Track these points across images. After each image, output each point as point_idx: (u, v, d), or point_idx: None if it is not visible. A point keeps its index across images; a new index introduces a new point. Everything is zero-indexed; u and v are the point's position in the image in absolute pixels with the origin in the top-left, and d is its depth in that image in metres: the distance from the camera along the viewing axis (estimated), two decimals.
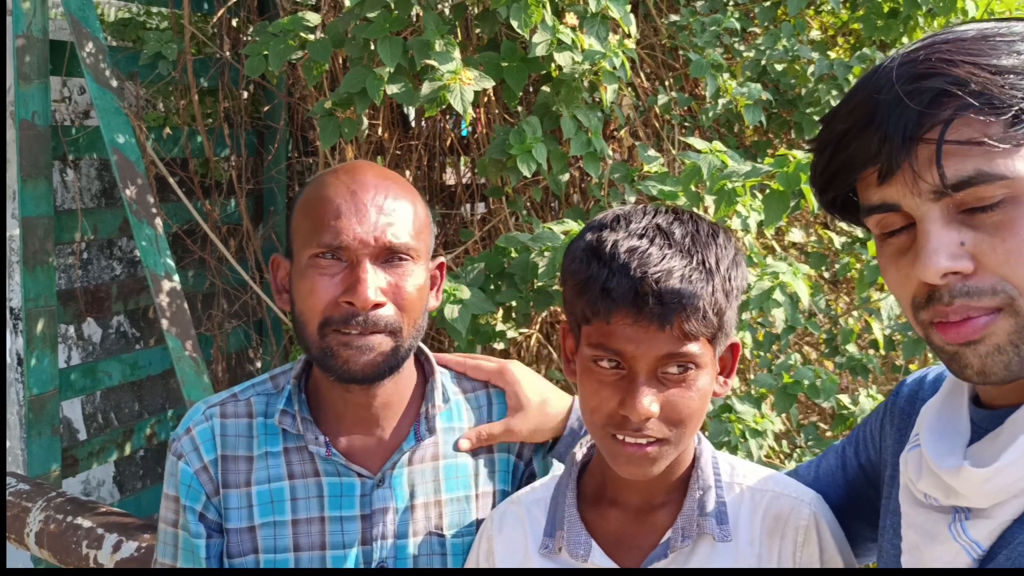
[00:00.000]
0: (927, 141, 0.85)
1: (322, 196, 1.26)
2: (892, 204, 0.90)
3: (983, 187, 0.84)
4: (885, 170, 0.88)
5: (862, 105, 0.90)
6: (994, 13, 3.00)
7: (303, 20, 2.42)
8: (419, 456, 1.35)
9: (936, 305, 0.88)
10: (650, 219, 1.11)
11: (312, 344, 1.26)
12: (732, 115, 2.87)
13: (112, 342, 3.53)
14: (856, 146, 0.91)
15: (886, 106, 0.87)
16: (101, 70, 2.82)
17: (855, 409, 2.63)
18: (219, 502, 1.32)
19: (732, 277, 1.10)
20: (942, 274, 0.85)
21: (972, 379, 0.89)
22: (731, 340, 1.14)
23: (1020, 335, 0.85)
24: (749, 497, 1.18)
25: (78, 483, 3.41)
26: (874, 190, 0.91)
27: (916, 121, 0.85)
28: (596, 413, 1.10)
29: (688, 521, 1.14)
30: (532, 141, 2.28)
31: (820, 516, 1.17)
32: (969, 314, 0.86)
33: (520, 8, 2.14)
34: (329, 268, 1.23)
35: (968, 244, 0.85)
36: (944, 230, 0.86)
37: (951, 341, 0.88)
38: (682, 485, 1.18)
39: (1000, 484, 0.87)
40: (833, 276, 3.32)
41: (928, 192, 0.86)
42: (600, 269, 1.07)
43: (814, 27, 3.30)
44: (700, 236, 1.10)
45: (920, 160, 0.85)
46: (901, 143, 0.86)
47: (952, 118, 0.84)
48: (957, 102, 0.84)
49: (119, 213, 3.33)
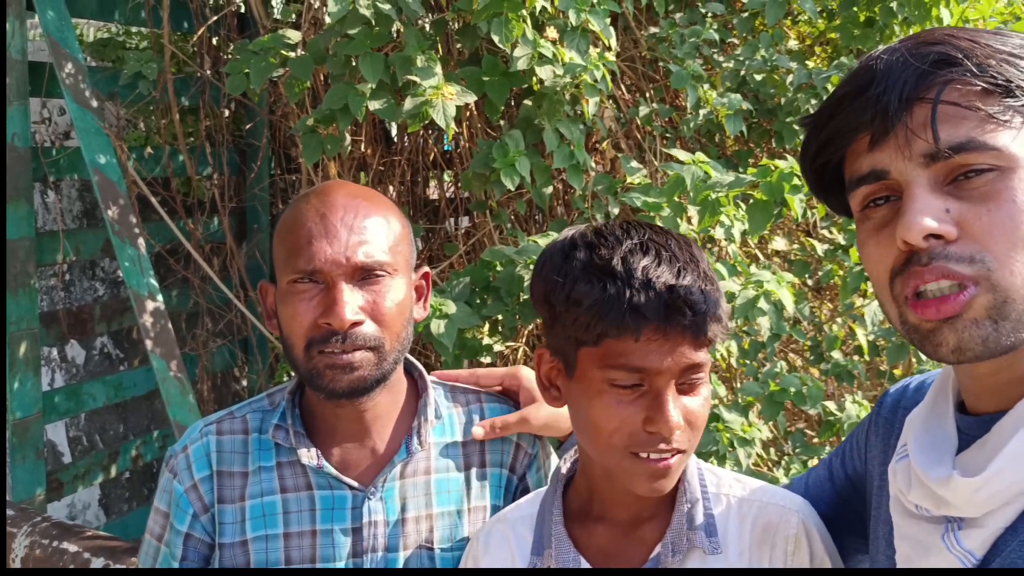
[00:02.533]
0: (924, 100, 0.87)
1: (294, 221, 1.28)
2: (882, 170, 0.90)
3: (973, 154, 0.85)
4: (878, 133, 0.89)
5: (862, 71, 0.92)
6: (968, 21, 3.04)
7: (284, 37, 2.42)
8: (411, 470, 1.35)
9: (912, 267, 0.88)
10: (639, 234, 1.11)
11: (300, 365, 1.28)
12: (713, 125, 2.89)
13: (96, 364, 3.51)
14: (853, 108, 0.91)
15: (887, 68, 0.89)
16: (81, 91, 2.81)
17: (841, 415, 2.65)
18: (210, 518, 1.33)
19: (717, 288, 1.12)
20: (925, 234, 0.85)
21: (947, 358, 0.88)
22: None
23: (998, 310, 0.85)
24: (736, 508, 1.17)
25: (63, 507, 3.37)
26: (864, 157, 0.92)
27: (915, 82, 0.87)
28: (616, 435, 1.08)
29: (677, 536, 1.14)
30: (515, 154, 2.28)
31: (809, 524, 1.16)
32: (945, 276, 0.85)
33: (501, 23, 2.15)
34: (307, 292, 1.25)
35: (953, 212, 0.86)
36: (930, 195, 0.87)
37: (930, 318, 0.87)
38: (669, 498, 1.17)
39: (990, 493, 0.87)
40: (817, 283, 3.33)
41: (919, 156, 0.87)
42: (620, 287, 1.05)
43: (792, 37, 3.33)
44: (688, 247, 1.11)
45: (915, 120, 0.87)
46: (898, 102, 0.87)
47: (950, 80, 0.86)
48: (957, 68, 0.86)
49: (101, 234, 3.31)
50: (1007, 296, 0.85)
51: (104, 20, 3.33)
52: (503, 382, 1.45)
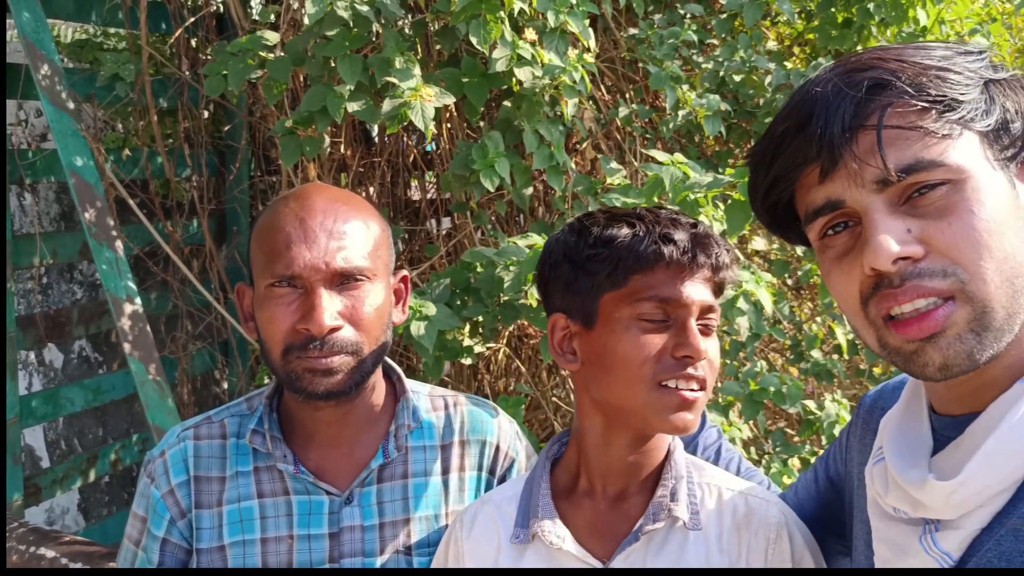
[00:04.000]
0: (867, 128, 0.87)
1: (273, 225, 1.27)
2: (836, 200, 0.90)
3: (923, 173, 0.86)
4: (827, 165, 0.89)
5: (799, 105, 0.92)
6: (945, 23, 3.06)
7: (262, 39, 2.41)
8: (388, 474, 1.35)
9: (884, 291, 0.88)
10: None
11: (278, 369, 1.28)
12: (692, 126, 2.90)
13: (74, 367, 3.48)
14: (796, 145, 0.92)
15: (823, 100, 0.90)
16: (57, 92, 2.78)
17: (821, 414, 2.66)
18: (188, 523, 1.32)
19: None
20: (893, 259, 0.86)
21: (934, 376, 0.88)
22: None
23: (979, 321, 0.85)
24: (717, 496, 1.21)
25: (41, 512, 3.34)
26: (816, 189, 0.92)
27: (854, 110, 0.88)
28: (646, 364, 1.12)
29: (659, 507, 1.17)
30: (495, 156, 2.28)
31: (788, 516, 1.19)
32: (921, 295, 0.86)
33: (479, 24, 2.14)
34: (285, 297, 1.25)
35: (915, 231, 0.86)
36: (890, 218, 0.87)
37: (912, 338, 0.87)
38: (655, 477, 1.21)
39: (965, 495, 0.87)
40: (796, 283, 3.35)
41: (871, 182, 0.87)
42: (649, 225, 1.15)
43: (770, 38, 3.35)
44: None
45: (862, 148, 0.87)
46: (841, 132, 0.88)
47: (889, 104, 0.87)
48: (892, 91, 0.87)
49: (78, 236, 3.29)
50: (985, 306, 0.85)
51: (81, 21, 3.30)
52: None
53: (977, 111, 0.88)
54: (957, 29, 3.20)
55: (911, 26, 2.91)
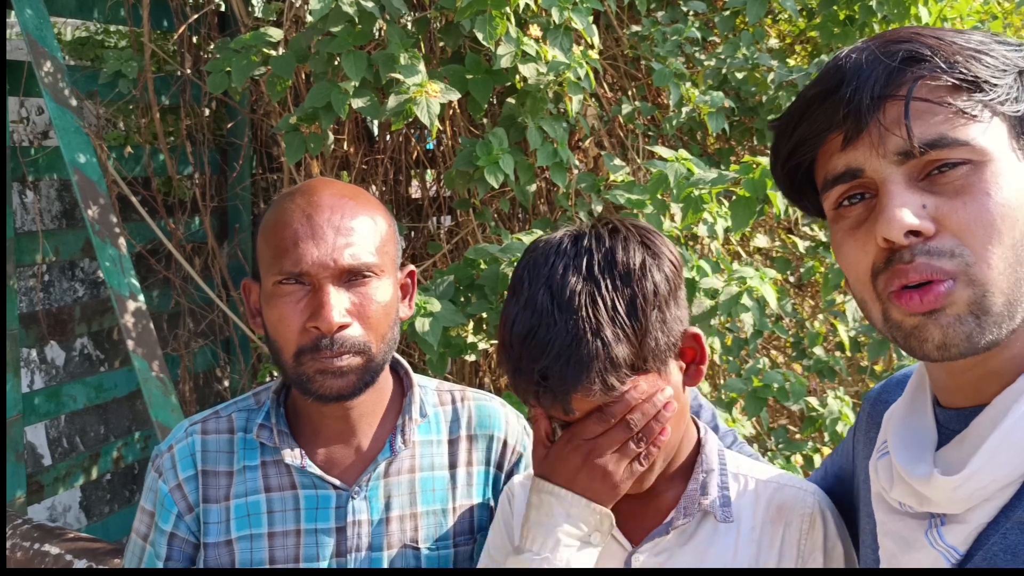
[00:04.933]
0: (896, 98, 0.87)
1: (280, 221, 1.26)
2: (856, 168, 0.90)
3: (946, 150, 0.86)
4: (851, 132, 0.90)
5: (833, 71, 0.92)
6: (946, 20, 3.06)
7: (265, 35, 2.41)
8: (395, 468, 1.35)
9: (896, 265, 0.88)
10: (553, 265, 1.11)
11: (288, 370, 1.27)
12: (695, 123, 2.90)
13: (76, 365, 3.47)
14: (824, 109, 0.92)
15: (856, 67, 0.90)
16: (60, 89, 2.78)
17: (823, 411, 2.66)
18: (195, 518, 1.32)
19: (638, 312, 1.08)
20: (906, 231, 0.86)
21: (932, 355, 0.88)
22: (679, 340, 1.14)
23: (979, 305, 0.85)
24: (753, 487, 1.20)
25: (44, 509, 3.34)
26: (838, 156, 0.92)
27: (885, 79, 0.88)
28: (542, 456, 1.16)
29: (690, 500, 1.17)
30: (499, 152, 2.28)
31: (824, 504, 1.19)
32: (930, 274, 0.86)
33: (484, 20, 2.14)
34: (294, 294, 1.24)
35: (930, 207, 0.86)
36: (907, 191, 0.87)
37: (913, 310, 0.87)
38: (686, 471, 1.21)
39: (971, 490, 0.87)
40: (798, 280, 3.35)
41: (893, 153, 0.87)
42: (507, 363, 1.12)
43: (772, 35, 3.35)
44: (595, 277, 1.09)
45: (888, 118, 0.87)
46: (870, 100, 0.88)
47: (921, 77, 0.87)
48: (926, 65, 0.87)
49: (81, 234, 3.28)
50: (986, 290, 0.85)
51: (83, 18, 3.29)
52: None
53: (1009, 97, 0.88)
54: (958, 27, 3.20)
55: (913, 23, 2.91)
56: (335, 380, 1.24)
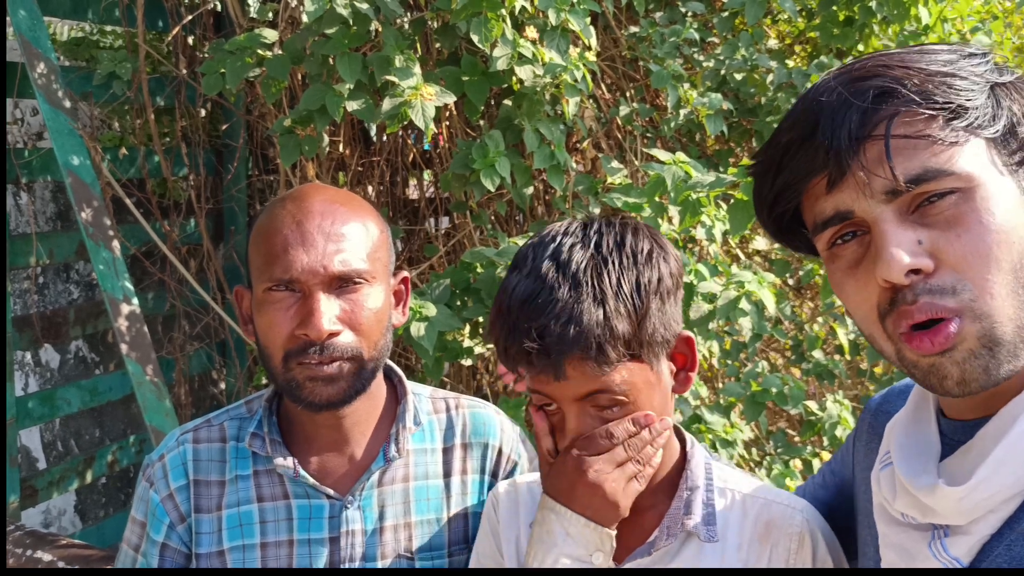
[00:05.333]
0: (875, 138, 0.86)
1: (270, 227, 1.26)
2: (845, 211, 0.89)
3: (932, 183, 0.85)
4: (835, 174, 0.88)
5: (804, 115, 0.91)
6: (947, 21, 3.05)
7: (260, 37, 2.39)
8: (389, 477, 1.33)
9: (900, 307, 0.87)
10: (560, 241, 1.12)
11: (278, 376, 1.26)
12: (693, 125, 2.88)
13: (70, 368, 3.45)
14: (802, 155, 0.90)
15: (829, 110, 0.88)
16: (54, 91, 2.76)
17: (823, 415, 2.65)
18: (187, 528, 1.31)
19: (641, 293, 1.09)
20: (906, 271, 0.84)
21: (952, 391, 0.87)
22: (673, 339, 1.14)
23: (989, 337, 0.84)
24: (740, 503, 1.18)
25: (38, 513, 3.32)
26: (824, 200, 0.91)
27: (861, 120, 0.86)
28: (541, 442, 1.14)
29: (673, 520, 1.15)
30: (495, 155, 2.26)
31: (814, 525, 1.16)
32: (935, 313, 0.84)
33: (480, 22, 2.12)
34: (283, 301, 1.23)
35: (925, 243, 0.85)
36: (900, 229, 0.86)
37: (926, 352, 0.86)
38: (671, 486, 1.19)
39: (976, 500, 0.86)
40: (797, 283, 3.34)
41: (880, 192, 0.86)
42: (501, 328, 1.11)
43: (771, 36, 3.33)
44: (603, 255, 1.10)
45: (869, 158, 0.86)
46: (848, 143, 0.86)
47: (896, 113, 0.86)
48: (898, 100, 0.86)
49: (75, 236, 3.26)
50: (993, 321, 0.84)
51: (77, 19, 3.27)
52: None
53: (985, 116, 0.86)
54: (959, 27, 3.19)
55: (913, 24, 2.90)
56: (325, 387, 1.23)
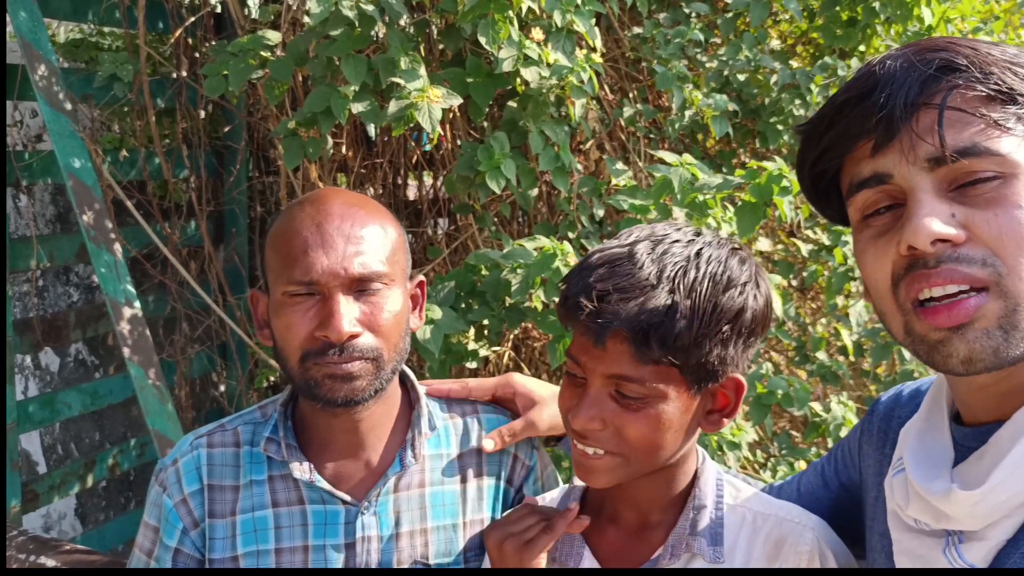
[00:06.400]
0: (930, 106, 0.86)
1: (289, 230, 1.25)
2: (885, 174, 0.89)
3: (977, 160, 0.85)
4: (882, 138, 0.89)
5: (866, 76, 0.91)
6: (949, 21, 3.05)
7: (263, 38, 2.38)
8: (405, 483, 1.33)
9: (917, 271, 0.87)
10: (667, 234, 1.12)
11: (296, 376, 1.25)
12: (696, 126, 2.88)
13: (71, 371, 3.44)
14: (855, 114, 0.91)
15: (891, 73, 0.89)
16: (54, 93, 2.75)
17: (827, 416, 2.64)
18: (200, 533, 1.30)
19: (715, 312, 1.07)
20: (933, 239, 0.85)
21: (956, 369, 0.87)
22: (721, 375, 1.11)
23: (1009, 319, 0.84)
24: (751, 521, 1.17)
25: (39, 517, 3.31)
26: (866, 162, 0.91)
27: (920, 87, 0.87)
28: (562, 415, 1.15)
29: (678, 539, 1.14)
30: (500, 157, 2.25)
31: (823, 543, 1.15)
32: (955, 280, 0.85)
33: (488, 24, 2.11)
34: (303, 303, 1.23)
35: (959, 216, 0.85)
36: (936, 200, 0.86)
37: (940, 325, 0.86)
38: (680, 503, 1.18)
39: (991, 505, 0.86)
40: (801, 284, 3.33)
41: (923, 160, 0.86)
42: (572, 278, 1.10)
43: (774, 37, 3.33)
44: (700, 262, 1.08)
45: (921, 125, 0.86)
46: (904, 107, 0.87)
47: (955, 86, 0.86)
48: (960, 74, 0.87)
49: (75, 239, 3.25)
50: (1017, 303, 0.84)
51: (77, 21, 3.26)
52: (495, 392, 1.43)
53: None
54: (960, 28, 3.19)
55: (916, 24, 2.90)
56: (343, 384, 1.22)
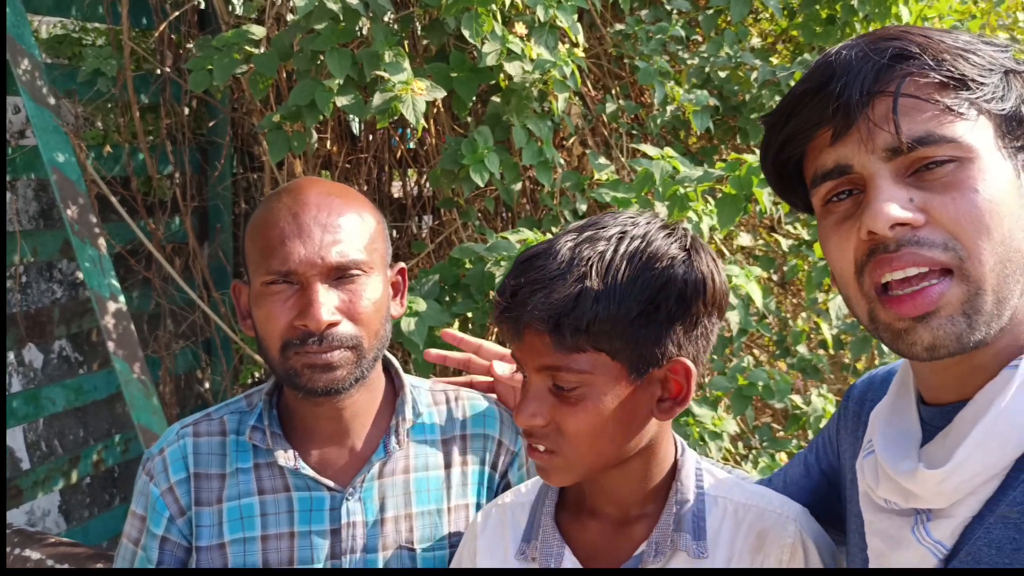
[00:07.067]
0: (885, 94, 0.88)
1: (267, 220, 1.26)
2: (845, 164, 0.91)
3: (933, 147, 0.87)
4: (841, 127, 0.91)
5: (823, 67, 0.93)
6: (926, 19, 3.09)
7: (248, 33, 2.39)
8: (389, 469, 1.34)
9: (879, 256, 0.88)
10: (603, 222, 1.11)
11: (277, 366, 1.27)
12: (678, 122, 2.90)
13: (55, 367, 3.43)
14: (814, 104, 0.93)
15: (846, 63, 0.91)
16: (38, 88, 2.74)
17: (807, 409, 2.67)
18: (187, 521, 1.31)
19: (636, 292, 1.03)
20: (892, 223, 0.86)
21: (920, 356, 0.89)
22: (661, 360, 1.07)
23: (971, 304, 0.86)
24: (733, 512, 1.15)
25: (22, 514, 3.29)
26: (827, 152, 0.93)
27: (874, 76, 0.89)
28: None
29: (663, 536, 1.12)
30: (484, 151, 2.27)
31: (805, 533, 1.13)
32: (916, 263, 0.86)
33: (471, 17, 2.13)
34: (281, 293, 1.24)
35: (917, 201, 0.87)
36: (894, 186, 0.88)
37: (905, 314, 0.88)
38: (661, 496, 1.16)
39: (955, 483, 0.88)
40: (781, 279, 3.37)
41: (881, 148, 0.88)
42: (505, 276, 1.12)
43: (754, 34, 3.36)
44: (621, 244, 1.07)
45: (877, 114, 0.88)
46: (859, 96, 0.89)
47: (909, 74, 0.88)
48: (914, 62, 0.89)
49: (59, 234, 3.24)
50: (979, 287, 0.86)
51: (61, 16, 3.25)
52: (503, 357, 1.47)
53: (995, 95, 0.89)
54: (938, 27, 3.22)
55: (894, 23, 2.94)
56: (323, 374, 1.23)
